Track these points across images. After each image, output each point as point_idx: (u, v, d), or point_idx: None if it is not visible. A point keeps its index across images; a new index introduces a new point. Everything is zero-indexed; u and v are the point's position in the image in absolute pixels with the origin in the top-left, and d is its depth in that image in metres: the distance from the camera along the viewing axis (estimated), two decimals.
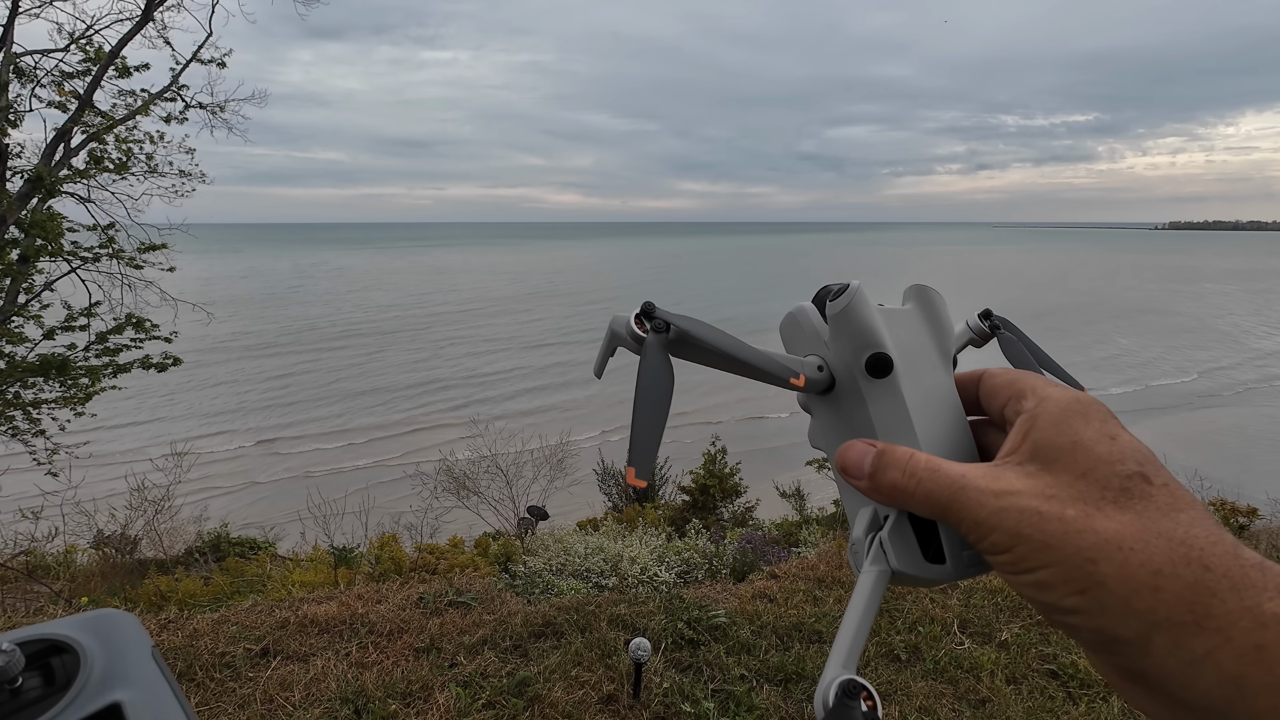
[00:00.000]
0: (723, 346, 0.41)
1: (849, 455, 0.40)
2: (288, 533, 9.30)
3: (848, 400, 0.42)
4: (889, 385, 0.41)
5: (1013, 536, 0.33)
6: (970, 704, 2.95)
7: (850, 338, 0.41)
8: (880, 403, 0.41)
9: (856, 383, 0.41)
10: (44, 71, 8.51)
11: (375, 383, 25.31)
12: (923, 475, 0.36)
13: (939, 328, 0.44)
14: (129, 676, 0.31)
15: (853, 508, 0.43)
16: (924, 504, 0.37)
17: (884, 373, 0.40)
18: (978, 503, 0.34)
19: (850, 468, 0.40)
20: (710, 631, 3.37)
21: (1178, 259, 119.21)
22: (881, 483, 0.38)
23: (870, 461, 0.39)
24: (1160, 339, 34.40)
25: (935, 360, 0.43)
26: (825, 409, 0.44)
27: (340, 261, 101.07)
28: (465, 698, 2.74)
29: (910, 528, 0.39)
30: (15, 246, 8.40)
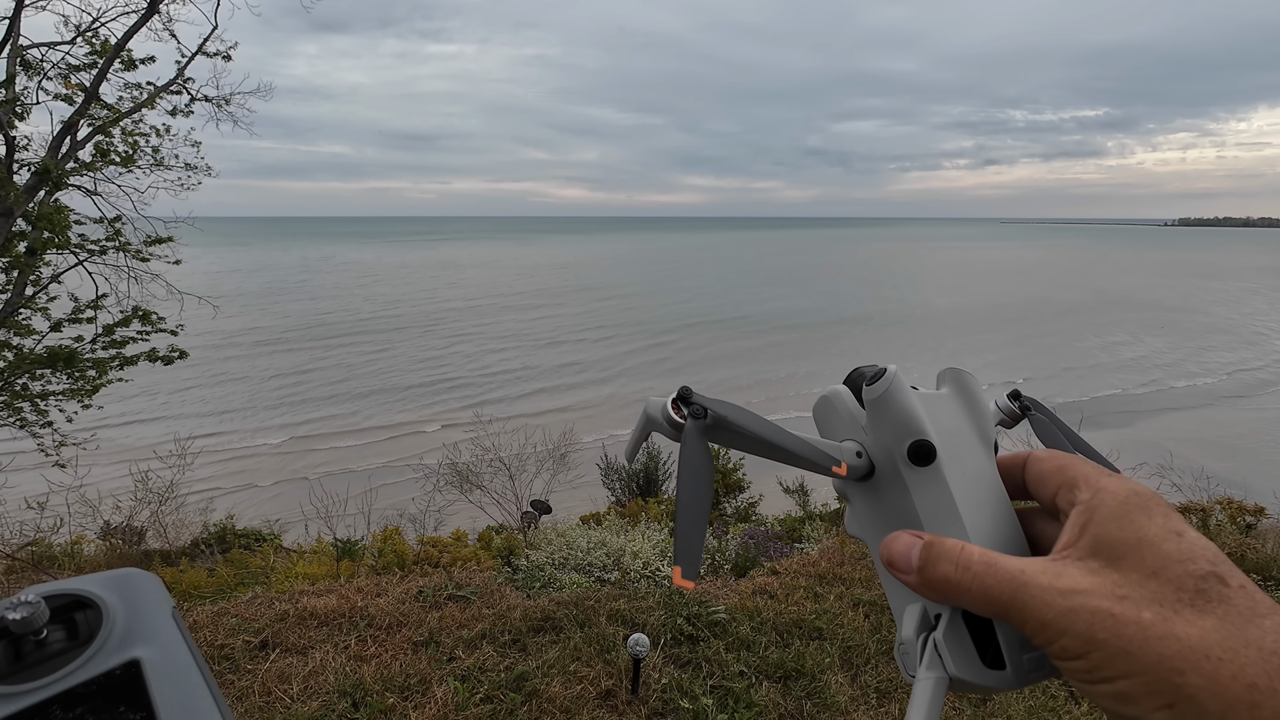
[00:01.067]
0: (761, 433, 0.39)
1: (895, 548, 0.38)
2: (293, 525, 9.35)
3: (889, 488, 0.41)
4: (933, 473, 0.39)
5: (1086, 642, 0.30)
6: (971, 703, 2.93)
7: (891, 424, 0.40)
8: (924, 491, 0.39)
9: (898, 470, 0.40)
10: (50, 64, 8.53)
11: (385, 381, 25.06)
12: (978, 570, 0.34)
13: (977, 411, 0.43)
14: (149, 634, 0.32)
15: (899, 603, 0.41)
16: (981, 602, 0.34)
17: (927, 460, 0.39)
18: (1043, 602, 0.32)
19: (897, 561, 0.37)
20: (710, 627, 3.36)
21: (1192, 256, 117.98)
22: (932, 577, 0.36)
23: (919, 554, 0.36)
24: (1187, 339, 34.03)
25: (976, 445, 0.41)
26: (865, 497, 0.43)
27: (348, 255, 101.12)
28: (463, 692, 2.74)
29: (966, 629, 0.37)
30: (23, 239, 8.45)
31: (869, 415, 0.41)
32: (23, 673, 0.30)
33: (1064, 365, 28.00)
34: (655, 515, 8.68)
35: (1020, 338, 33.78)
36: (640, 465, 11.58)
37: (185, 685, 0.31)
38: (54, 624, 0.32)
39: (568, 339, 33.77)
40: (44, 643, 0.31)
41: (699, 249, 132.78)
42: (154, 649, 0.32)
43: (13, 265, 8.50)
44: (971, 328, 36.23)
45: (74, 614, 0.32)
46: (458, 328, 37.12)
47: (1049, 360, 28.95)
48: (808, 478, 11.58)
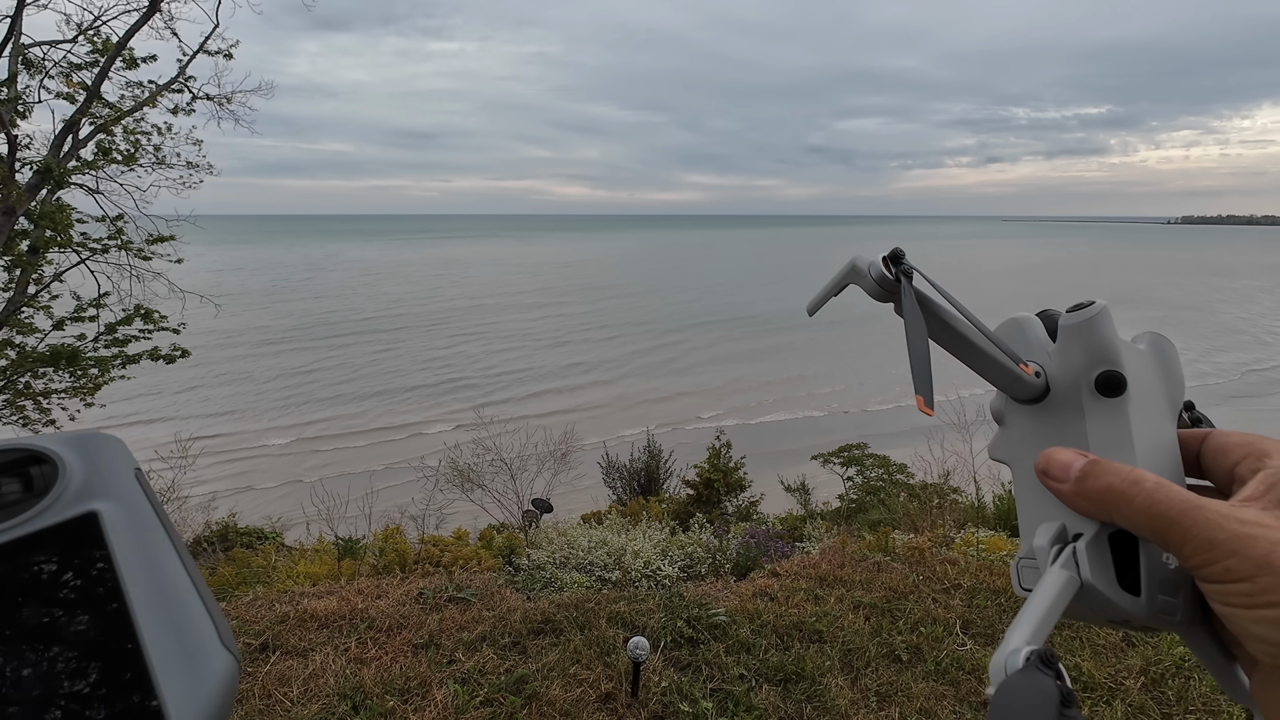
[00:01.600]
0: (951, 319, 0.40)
1: (1057, 456, 0.38)
2: (295, 524, 9.38)
3: (1062, 413, 0.41)
4: (1116, 406, 0.39)
5: (1258, 565, 0.30)
6: (972, 706, 2.92)
7: (1086, 350, 0.40)
8: (1102, 421, 0.39)
9: (1078, 397, 0.40)
10: (52, 63, 8.54)
11: (389, 382, 24.76)
12: (1150, 486, 0.34)
13: (1172, 378, 0.42)
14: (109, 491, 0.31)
15: (1033, 519, 0.40)
16: (1144, 514, 0.33)
17: (1115, 392, 0.39)
18: (1216, 524, 0.31)
19: (1054, 469, 0.37)
20: (710, 630, 3.36)
21: (1197, 254, 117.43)
22: (1094, 487, 0.35)
23: (1081, 466, 0.36)
24: (1200, 338, 33.85)
25: (1164, 408, 0.41)
26: (1026, 418, 0.43)
27: (351, 254, 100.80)
28: (463, 695, 2.74)
29: (1109, 549, 0.37)
30: (25, 237, 8.46)
31: (1062, 340, 0.41)
32: None
33: None
34: (656, 514, 8.69)
35: None
36: (641, 464, 11.57)
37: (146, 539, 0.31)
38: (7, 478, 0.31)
39: (572, 339, 33.46)
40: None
41: (701, 247, 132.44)
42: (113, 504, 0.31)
43: (15, 264, 8.51)
44: None
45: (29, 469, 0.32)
46: (462, 327, 36.85)
47: None
48: (809, 476, 11.57)
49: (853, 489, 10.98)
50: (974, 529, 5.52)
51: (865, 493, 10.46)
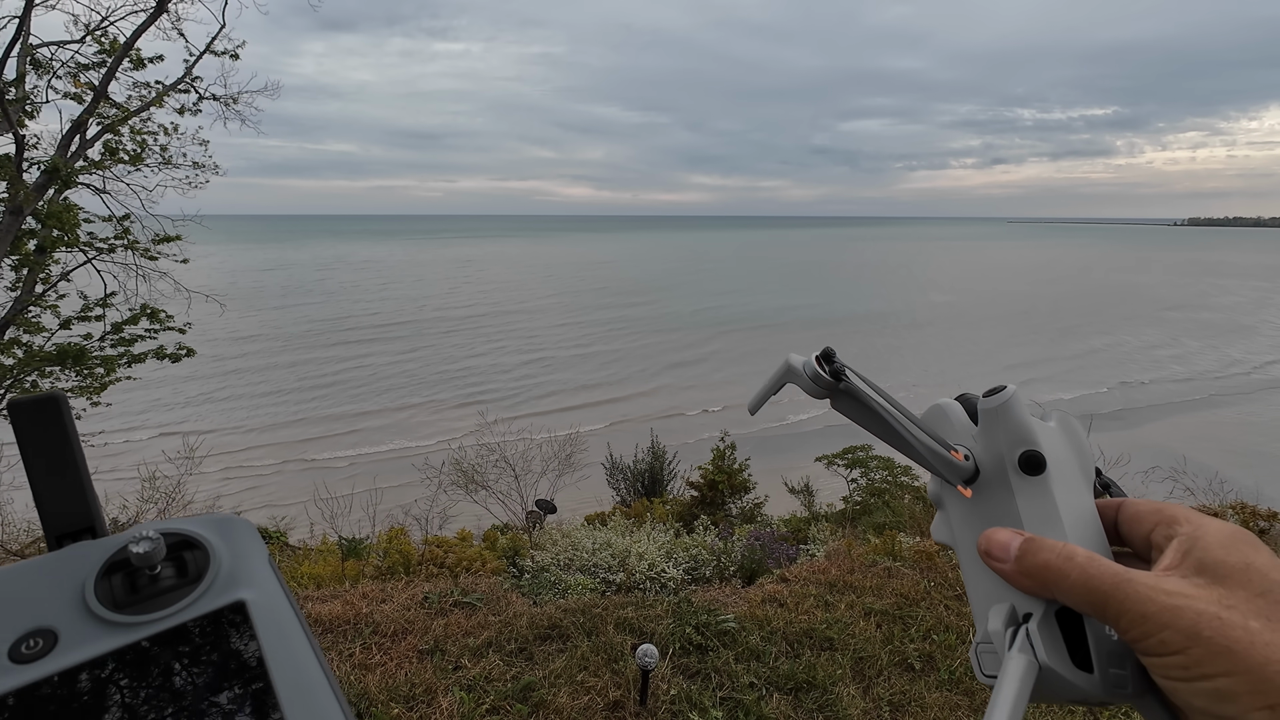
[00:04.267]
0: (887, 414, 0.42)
1: (995, 538, 0.40)
2: (298, 524, 9.37)
3: (991, 494, 0.43)
4: (1040, 484, 0.41)
5: (1188, 637, 0.31)
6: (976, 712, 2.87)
7: (1007, 433, 0.43)
8: (1030, 499, 0.41)
9: (1005, 477, 0.42)
10: (60, 63, 8.55)
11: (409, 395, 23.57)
12: (1081, 561, 0.35)
13: (1081, 450, 0.45)
14: (252, 578, 0.35)
15: (984, 602, 0.42)
16: (1080, 591, 0.35)
17: (1037, 470, 0.41)
18: (1147, 597, 0.32)
19: (995, 549, 0.39)
20: (719, 637, 3.31)
21: (1204, 255, 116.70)
22: (1033, 564, 0.37)
23: (1019, 545, 0.38)
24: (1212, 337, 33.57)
25: (1080, 480, 0.43)
26: (962, 500, 0.45)
27: (362, 254, 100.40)
28: (469, 702, 2.71)
29: (1058, 627, 0.38)
30: (32, 237, 8.48)
31: (983, 424, 0.44)
32: (139, 604, 0.32)
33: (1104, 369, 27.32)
34: (660, 515, 8.64)
35: (1052, 337, 33.28)
36: (645, 465, 11.53)
37: (286, 627, 0.33)
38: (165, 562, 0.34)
39: (596, 344, 32.34)
40: (157, 578, 0.33)
41: (710, 248, 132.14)
42: (256, 591, 0.34)
43: (22, 263, 8.53)
44: (1001, 327, 35.59)
45: (183, 553, 0.35)
46: (482, 332, 35.82)
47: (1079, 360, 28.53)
48: (813, 479, 11.51)
49: (857, 491, 10.92)
50: None
51: (869, 495, 10.40)
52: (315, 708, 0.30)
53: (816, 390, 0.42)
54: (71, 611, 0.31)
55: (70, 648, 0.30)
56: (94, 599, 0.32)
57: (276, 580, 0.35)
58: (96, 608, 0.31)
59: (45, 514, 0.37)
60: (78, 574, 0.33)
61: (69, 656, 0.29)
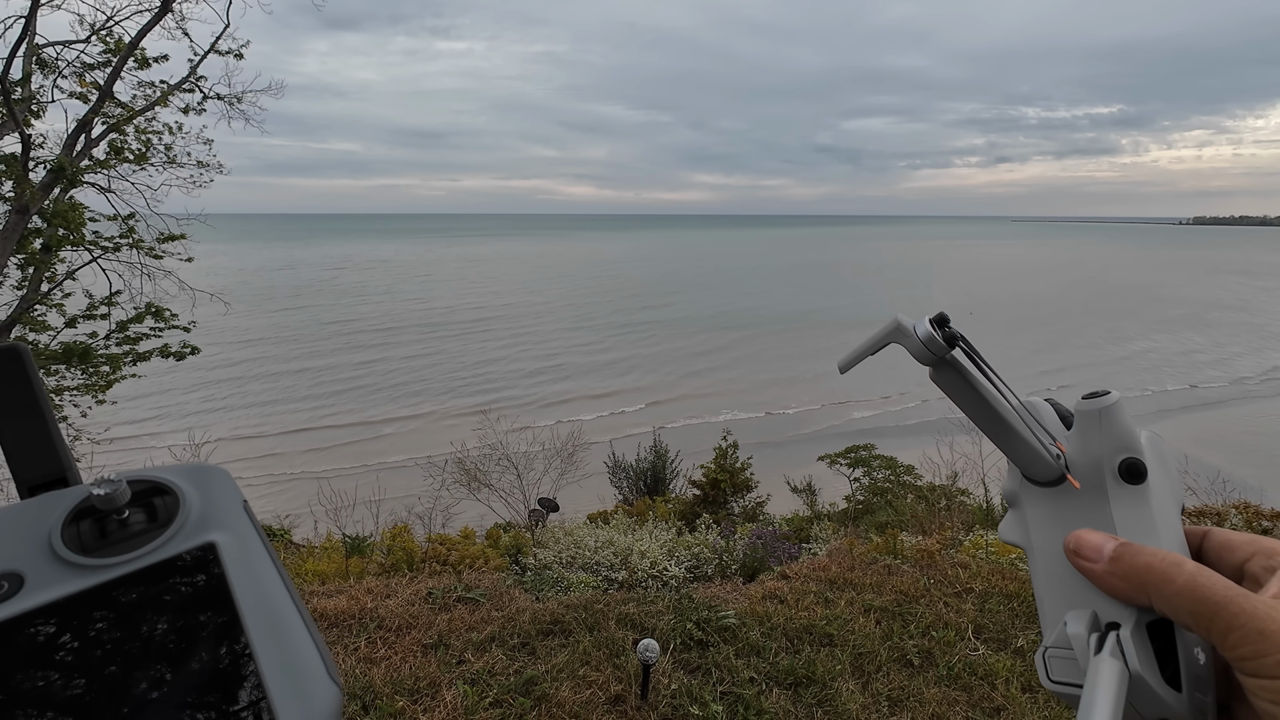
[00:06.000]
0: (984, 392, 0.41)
1: (1086, 538, 0.38)
2: (302, 521, 9.42)
3: (1083, 497, 0.42)
4: (1139, 494, 0.40)
5: None
6: (984, 712, 2.89)
7: (1109, 437, 0.41)
8: (1126, 507, 0.40)
9: (1102, 482, 0.41)
10: (65, 63, 8.61)
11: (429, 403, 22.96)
12: (1191, 569, 0.34)
13: (1171, 472, 0.44)
14: (224, 522, 0.35)
15: (1058, 606, 0.40)
16: (1186, 596, 0.33)
17: (1138, 479, 0.40)
18: (1267, 615, 0.31)
19: (1085, 549, 0.38)
20: (719, 633, 3.34)
21: (1212, 254, 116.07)
22: (1132, 565, 0.35)
23: (1114, 547, 0.37)
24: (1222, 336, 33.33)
25: (1170, 498, 0.42)
26: (1043, 501, 0.43)
27: (370, 252, 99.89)
28: (472, 695, 2.74)
29: (1149, 640, 0.36)
30: (38, 236, 8.54)
31: (1080, 426, 0.42)
32: (108, 548, 0.32)
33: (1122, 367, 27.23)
34: (663, 514, 8.67)
35: (1064, 337, 33.13)
36: (647, 464, 11.56)
37: (259, 569, 0.33)
38: (135, 507, 0.34)
39: (616, 349, 31.49)
40: (126, 523, 0.33)
41: (716, 247, 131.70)
42: (228, 535, 0.34)
43: (29, 261, 8.60)
44: (1033, 332, 35.12)
45: (153, 499, 0.35)
46: (496, 334, 35.23)
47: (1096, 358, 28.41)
48: (816, 478, 11.52)
49: (859, 490, 10.94)
50: (982, 531, 5.48)
51: (872, 494, 10.42)
52: (287, 645, 0.30)
53: (924, 354, 0.39)
54: (38, 556, 0.31)
55: (36, 590, 0.30)
56: (60, 543, 0.32)
57: (251, 524, 0.35)
58: (63, 552, 0.31)
59: (15, 466, 0.37)
60: (46, 521, 0.33)
61: (34, 598, 0.29)
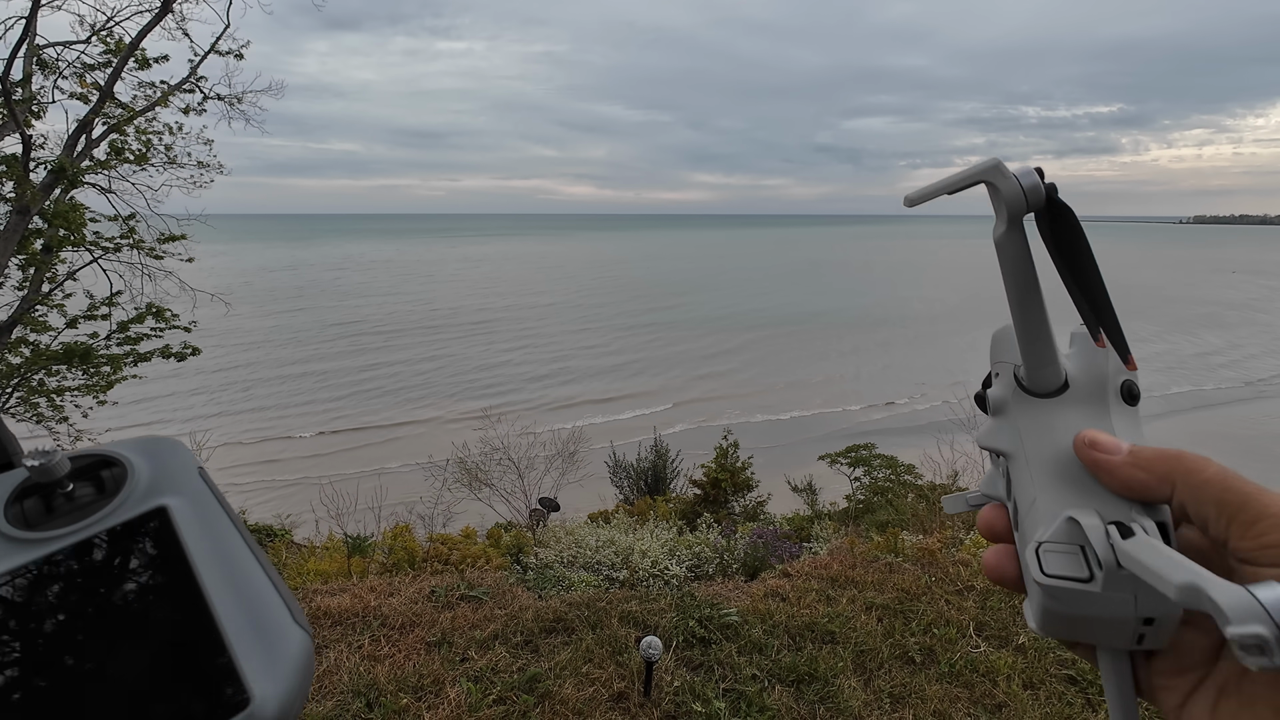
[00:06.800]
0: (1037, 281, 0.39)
1: (1102, 434, 0.38)
2: (303, 521, 9.42)
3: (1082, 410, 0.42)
4: (1133, 414, 0.41)
5: None
6: (986, 709, 2.90)
7: (1113, 359, 0.42)
8: (1124, 421, 0.41)
9: (1104, 398, 0.41)
10: (66, 63, 8.61)
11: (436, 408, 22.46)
12: (1216, 463, 0.33)
13: None
14: (176, 487, 0.34)
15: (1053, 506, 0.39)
16: (1217, 485, 0.33)
17: (1134, 401, 0.42)
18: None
19: (1103, 443, 0.37)
20: (722, 630, 3.35)
21: (1215, 252, 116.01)
22: (1158, 454, 0.35)
23: (1130, 444, 0.37)
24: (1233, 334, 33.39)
25: None
26: (1038, 410, 0.43)
27: (372, 253, 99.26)
28: (476, 692, 2.75)
29: None
30: (39, 236, 8.54)
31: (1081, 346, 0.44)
32: (53, 521, 0.32)
33: None
34: (664, 514, 8.68)
35: None
36: (648, 464, 11.57)
37: (215, 529, 0.33)
38: (82, 481, 0.34)
39: (626, 351, 30.91)
40: (72, 496, 0.33)
41: (719, 247, 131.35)
42: (181, 499, 0.34)
43: (29, 262, 8.60)
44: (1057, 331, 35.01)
45: (100, 472, 0.34)
46: (502, 335, 34.79)
47: None
48: (816, 477, 11.53)
49: (860, 490, 10.95)
50: None
51: (873, 493, 10.43)
52: (249, 597, 0.31)
53: (1020, 203, 0.36)
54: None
55: None
56: (3, 521, 0.32)
57: (207, 487, 0.35)
58: (6, 528, 0.31)
59: None
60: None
61: None
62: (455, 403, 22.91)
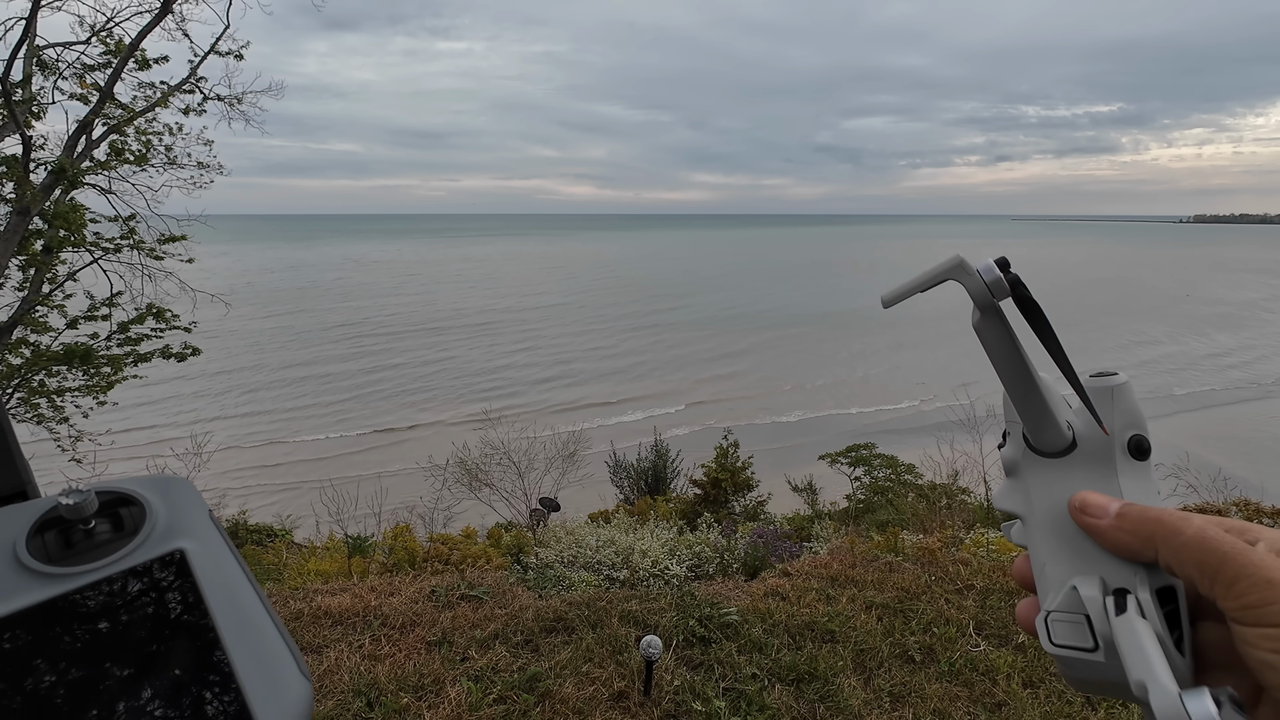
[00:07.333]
0: (1022, 350, 0.40)
1: (1092, 496, 0.39)
2: (304, 521, 9.43)
3: (1090, 469, 0.42)
4: (1143, 468, 0.41)
5: None
6: (986, 707, 2.90)
7: (1120, 414, 0.42)
8: (1132, 480, 0.41)
9: (1111, 456, 0.42)
10: (66, 64, 8.61)
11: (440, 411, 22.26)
12: (1199, 521, 0.34)
13: None
14: (190, 530, 0.35)
15: (1060, 571, 0.40)
16: (1195, 547, 0.33)
17: (1144, 456, 0.42)
18: (1272, 564, 0.31)
19: (1091, 506, 0.38)
20: (722, 629, 3.35)
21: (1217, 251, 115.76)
22: (1139, 518, 0.36)
23: (1119, 506, 0.37)
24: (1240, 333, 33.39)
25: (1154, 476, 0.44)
26: (1046, 471, 0.44)
27: (374, 253, 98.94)
28: (476, 692, 2.75)
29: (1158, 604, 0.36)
30: (39, 237, 8.55)
31: (1092, 401, 0.43)
32: (75, 557, 0.32)
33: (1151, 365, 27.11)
34: (664, 513, 8.69)
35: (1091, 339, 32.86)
36: (648, 464, 11.58)
37: (227, 574, 0.34)
38: (100, 518, 0.35)
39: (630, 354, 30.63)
40: (92, 533, 0.34)
41: (720, 246, 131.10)
42: (196, 542, 0.35)
43: (30, 263, 8.60)
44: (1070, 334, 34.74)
45: (118, 510, 0.35)
46: (507, 336, 34.62)
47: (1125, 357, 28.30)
48: (817, 477, 11.52)
49: (860, 489, 10.95)
50: (983, 530, 5.49)
51: (873, 493, 10.43)
52: (259, 645, 0.31)
53: (985, 296, 0.37)
54: (3, 566, 0.31)
55: (2, 599, 0.30)
56: (26, 554, 0.32)
57: (217, 532, 0.36)
58: (29, 561, 0.31)
59: None
60: (9, 532, 0.33)
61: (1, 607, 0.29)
62: (459, 405, 22.81)
